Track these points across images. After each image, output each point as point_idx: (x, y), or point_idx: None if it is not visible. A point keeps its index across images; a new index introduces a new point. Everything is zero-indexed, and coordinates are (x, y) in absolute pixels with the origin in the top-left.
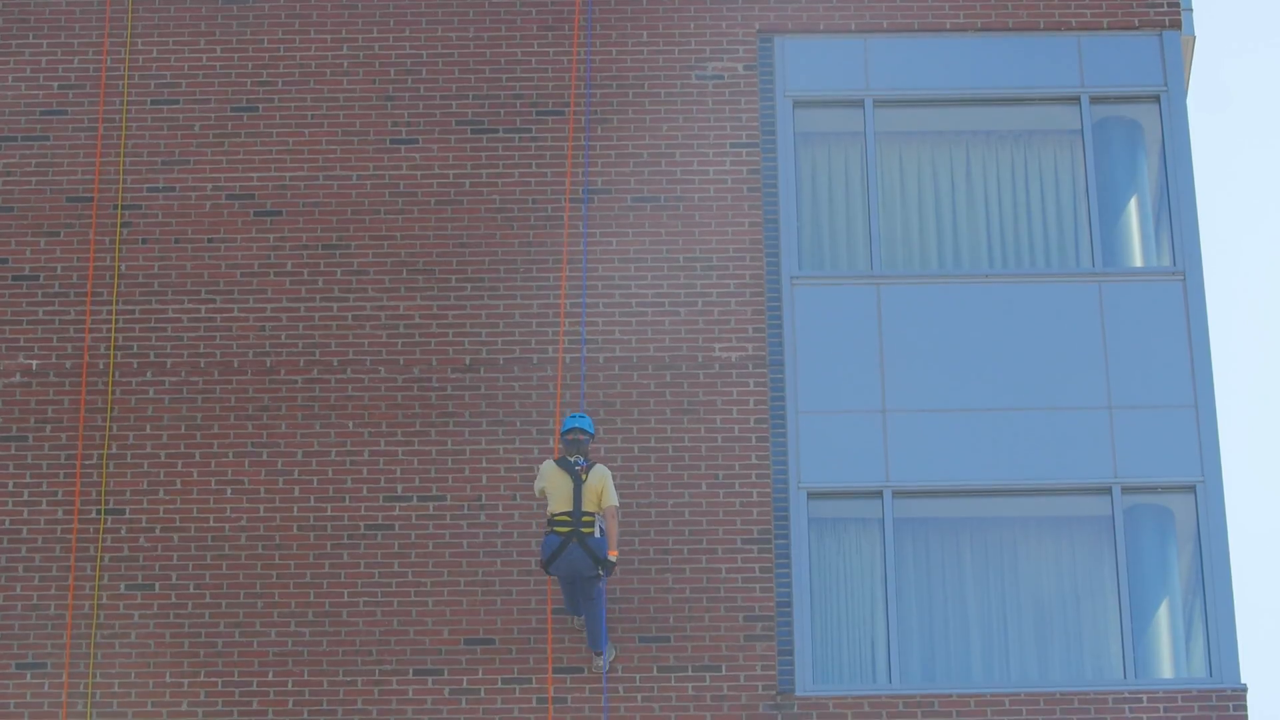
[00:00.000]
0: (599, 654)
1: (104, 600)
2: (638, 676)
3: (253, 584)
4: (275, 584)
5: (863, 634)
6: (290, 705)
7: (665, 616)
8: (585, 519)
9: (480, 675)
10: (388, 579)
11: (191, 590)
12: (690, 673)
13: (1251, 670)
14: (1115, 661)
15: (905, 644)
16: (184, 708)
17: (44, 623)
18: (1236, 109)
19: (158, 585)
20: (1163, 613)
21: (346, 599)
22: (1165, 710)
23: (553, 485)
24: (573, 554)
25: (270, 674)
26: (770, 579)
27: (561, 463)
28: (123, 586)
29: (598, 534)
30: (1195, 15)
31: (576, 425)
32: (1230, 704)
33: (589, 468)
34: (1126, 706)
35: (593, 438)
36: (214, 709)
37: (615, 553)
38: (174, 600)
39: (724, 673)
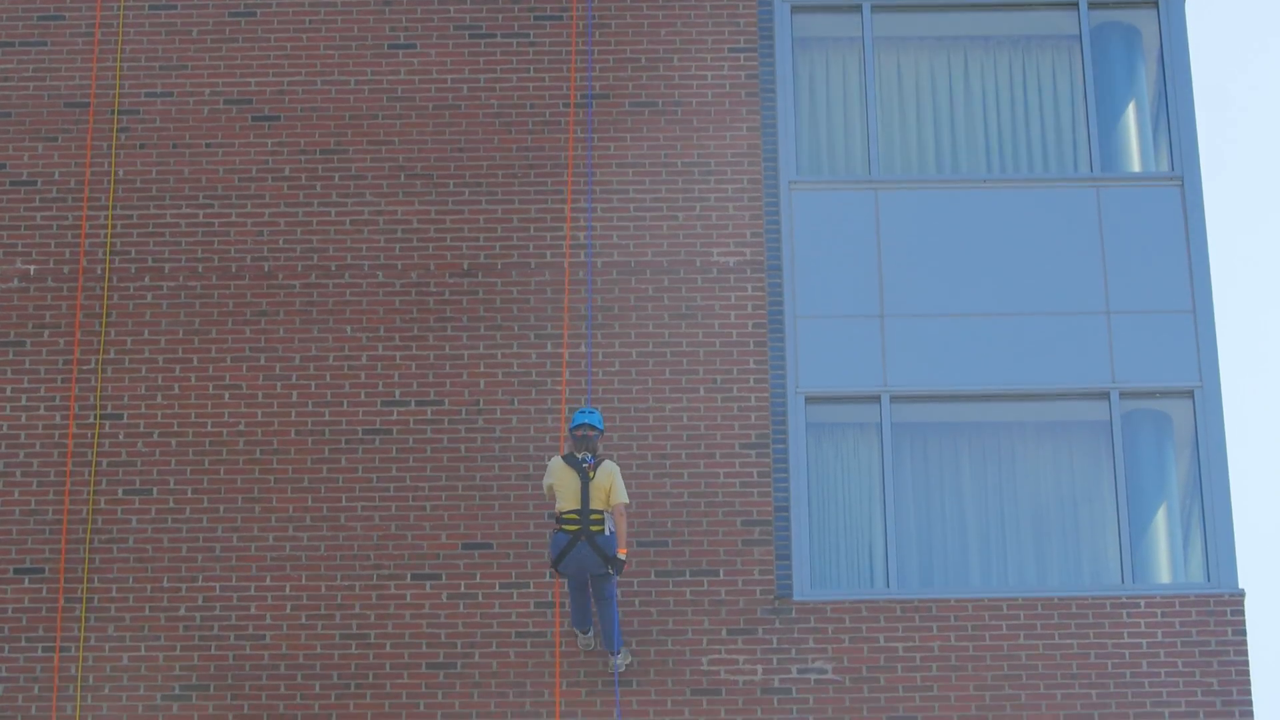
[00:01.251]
0: (614, 654)
1: (101, 505)
2: (635, 581)
3: (250, 489)
4: (273, 489)
5: (860, 538)
6: (288, 610)
7: (663, 521)
8: (594, 517)
9: (478, 579)
10: (386, 484)
11: (189, 495)
12: (688, 577)
13: (1249, 575)
14: (1113, 566)
15: (903, 548)
16: (181, 612)
17: (41, 527)
18: (1234, 14)
19: (155, 490)
20: (1160, 518)
21: (345, 504)
22: (1163, 615)
23: (561, 483)
24: (581, 552)
25: (268, 579)
26: (768, 484)
27: (569, 459)
28: (120, 491)
29: (607, 532)
30: None
31: (585, 421)
32: (1228, 609)
33: (597, 465)
34: (1124, 611)
35: (602, 434)
36: (211, 613)
37: (625, 551)
38: (171, 505)
39: (721, 577)
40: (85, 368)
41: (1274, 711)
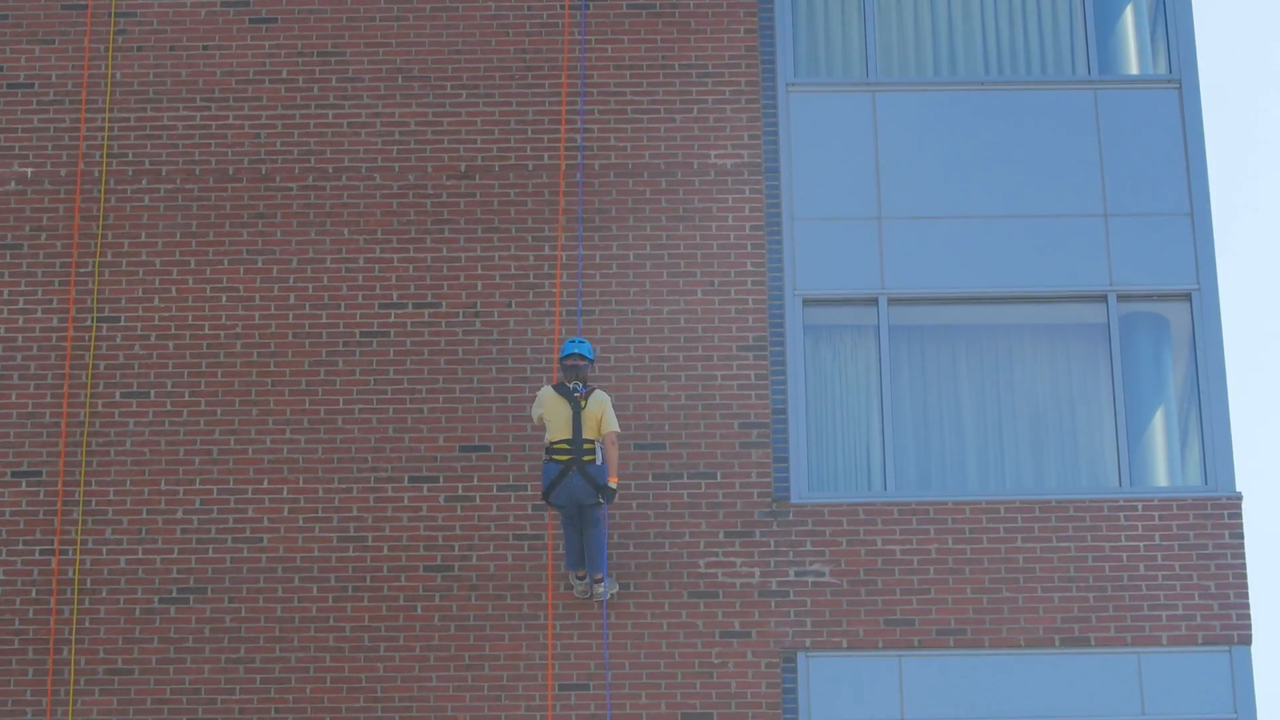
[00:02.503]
0: (599, 580)
1: (98, 408)
2: (633, 484)
3: (248, 391)
4: (270, 391)
5: (858, 441)
6: (285, 513)
7: (660, 424)
8: (585, 446)
9: (476, 482)
10: (383, 386)
11: (186, 398)
12: (685, 480)
13: (1246, 478)
14: (1110, 469)
15: (900, 451)
16: (178, 515)
17: (38, 430)
18: None
19: (152, 393)
20: (1158, 421)
21: (342, 406)
22: (1160, 518)
23: (551, 412)
24: (572, 482)
25: (265, 481)
26: (765, 386)
27: (560, 389)
28: (117, 394)
29: (598, 461)
30: None
31: (575, 350)
32: (1225, 512)
33: (588, 394)
34: (1121, 514)
35: (592, 363)
36: (208, 516)
37: (615, 480)
38: (169, 408)
39: (719, 480)
40: (83, 270)
41: (1271, 614)
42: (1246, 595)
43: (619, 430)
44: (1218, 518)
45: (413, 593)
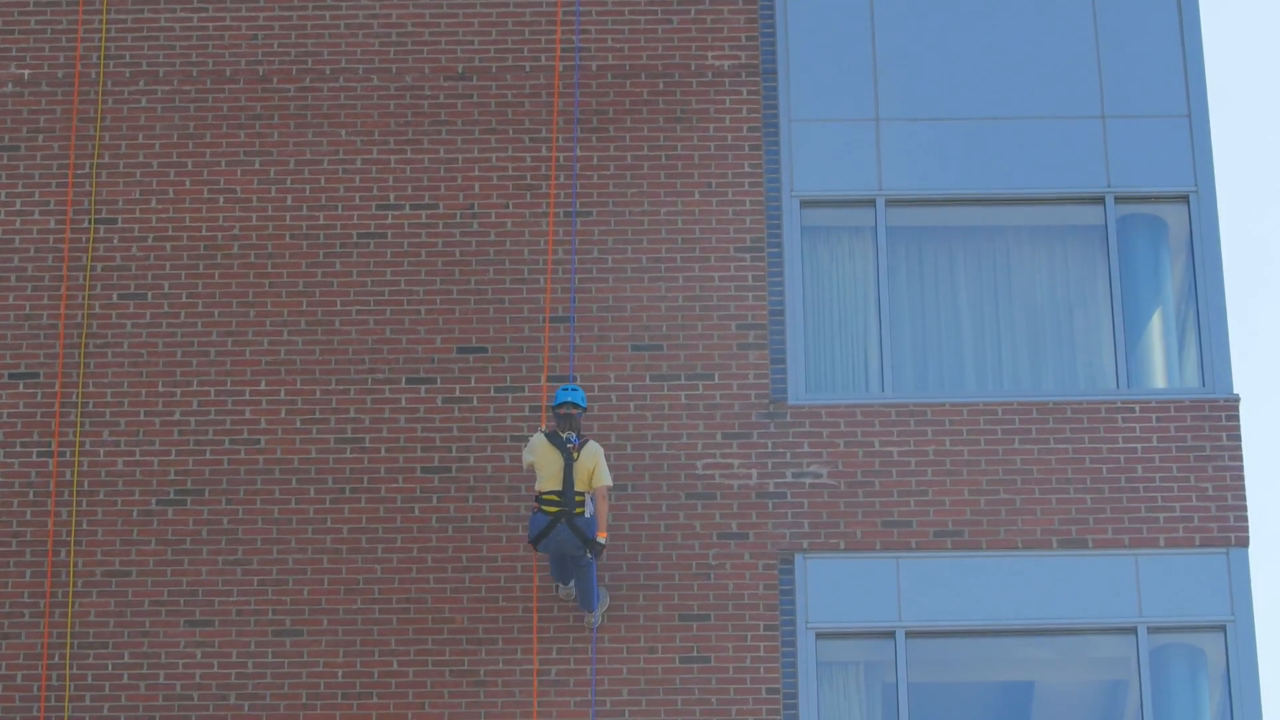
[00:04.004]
0: (590, 612)
1: (96, 310)
2: (630, 385)
3: (245, 293)
4: (267, 293)
5: (855, 343)
6: (282, 414)
7: (658, 325)
8: (576, 499)
9: (473, 383)
10: (380, 287)
11: (183, 299)
12: (683, 381)
13: (1244, 380)
14: (1108, 371)
15: (898, 353)
16: (176, 416)
17: (36, 332)
18: None
19: (150, 294)
20: (1155, 323)
21: (339, 308)
22: (1158, 420)
23: (543, 461)
24: (561, 534)
25: (262, 383)
26: (763, 287)
27: (552, 438)
28: (115, 296)
29: (588, 514)
30: None
31: (568, 400)
32: (1223, 414)
33: (581, 445)
34: (1119, 416)
35: (585, 411)
36: (206, 418)
37: (605, 534)
38: (166, 309)
39: (716, 381)
40: (80, 172)
41: (1268, 516)
42: (1244, 497)
43: (610, 484)
44: (1215, 420)
45: (410, 494)
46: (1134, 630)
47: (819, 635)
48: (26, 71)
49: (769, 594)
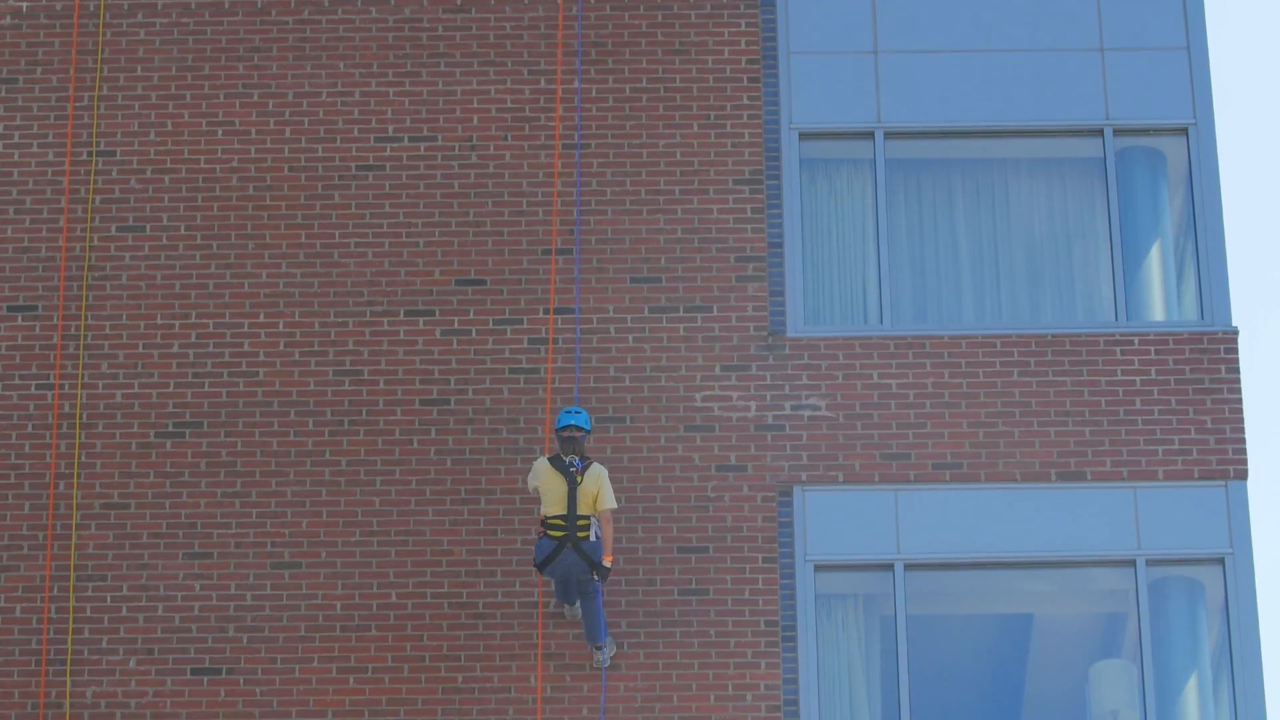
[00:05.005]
0: (598, 649)
1: (95, 242)
2: (629, 318)
3: (243, 225)
4: (266, 225)
5: (854, 275)
6: (281, 346)
7: (656, 257)
8: (580, 523)
9: (472, 315)
10: (379, 219)
11: (182, 231)
12: (681, 313)
13: (1242, 313)
14: (1107, 304)
15: (896, 285)
16: (175, 349)
17: (35, 265)
18: None
19: (148, 227)
20: (1154, 256)
21: (338, 240)
22: (1157, 353)
23: (546, 486)
24: (567, 559)
25: (261, 315)
26: (761, 219)
27: (555, 462)
28: (114, 228)
29: (593, 538)
30: None
31: (571, 422)
32: (1221, 346)
33: (585, 469)
34: (1118, 349)
35: (589, 434)
36: (204, 350)
37: (610, 558)
38: (165, 242)
39: (715, 313)
40: (79, 104)
41: (1267, 449)
42: (1243, 430)
43: (615, 507)
44: (1214, 352)
45: (409, 426)
46: (1132, 563)
47: (817, 568)
48: (25, 3)
49: (767, 526)
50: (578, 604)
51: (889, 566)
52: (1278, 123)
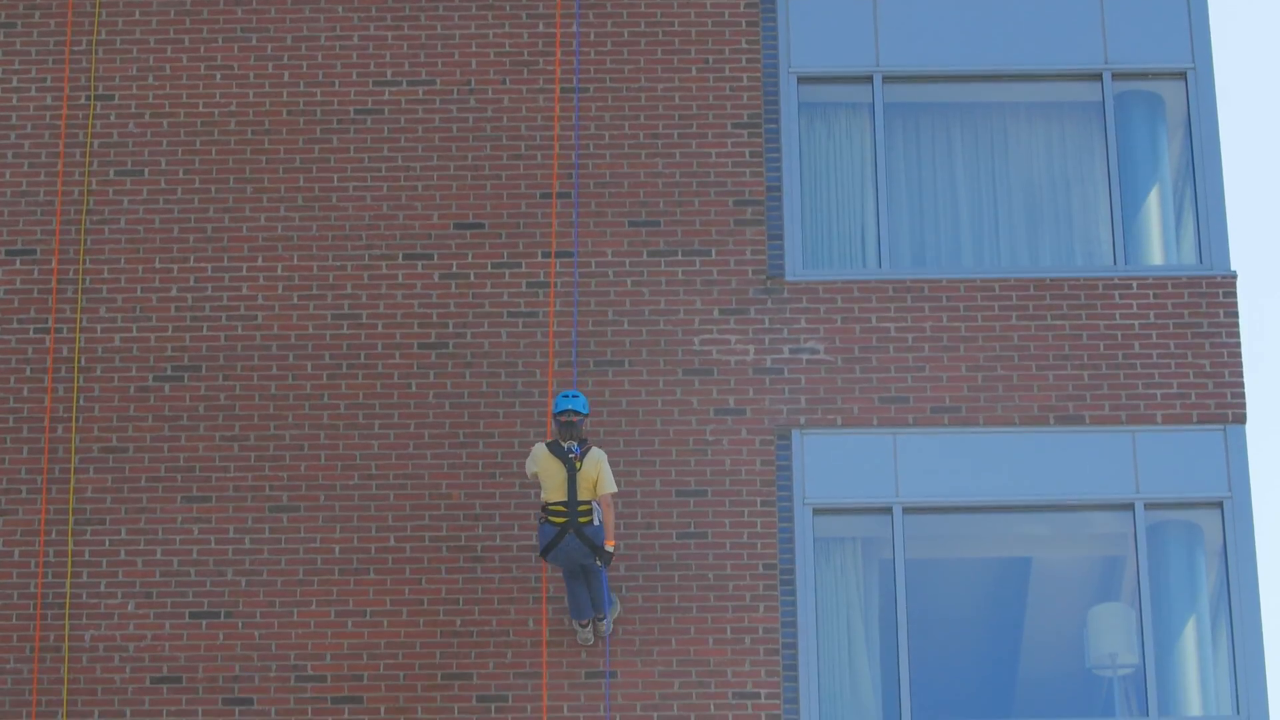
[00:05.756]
0: (600, 619)
1: (94, 186)
2: (627, 261)
3: (242, 169)
4: (264, 169)
5: (853, 219)
6: (279, 290)
7: (655, 200)
8: (582, 508)
9: (470, 259)
10: (377, 163)
11: (181, 175)
12: (680, 257)
13: (1241, 257)
14: (1105, 248)
15: (895, 229)
16: (173, 293)
17: (33, 209)
18: None
19: (147, 171)
20: (1153, 200)
21: (336, 183)
22: (1155, 297)
23: (546, 472)
24: (569, 545)
25: (259, 259)
26: (760, 163)
27: (554, 447)
28: (112, 172)
29: (595, 522)
30: None
31: (569, 406)
32: (1220, 290)
33: (584, 454)
34: (1116, 293)
35: (587, 417)
36: (203, 294)
37: (613, 543)
38: (163, 186)
39: (714, 257)
40: (77, 48)
41: (1265, 393)
42: (1241, 374)
43: (616, 490)
44: (1213, 296)
45: (407, 370)
46: (1131, 507)
47: (816, 511)
48: None
49: (766, 470)
50: (589, 625)
51: (887, 510)
52: (1276, 67)
